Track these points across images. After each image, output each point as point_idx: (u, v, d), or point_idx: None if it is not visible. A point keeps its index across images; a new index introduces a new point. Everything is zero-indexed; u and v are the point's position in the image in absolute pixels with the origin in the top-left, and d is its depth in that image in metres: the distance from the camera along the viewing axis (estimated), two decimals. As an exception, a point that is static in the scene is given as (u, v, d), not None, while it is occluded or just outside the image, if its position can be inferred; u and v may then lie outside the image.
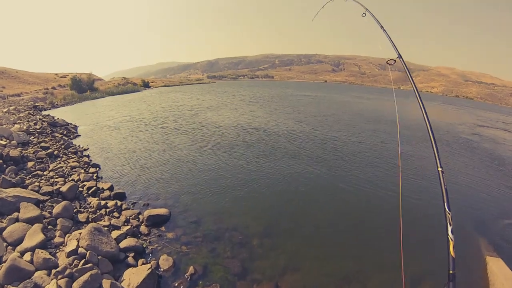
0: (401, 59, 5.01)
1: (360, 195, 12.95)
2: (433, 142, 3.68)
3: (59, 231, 7.30)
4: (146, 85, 75.22)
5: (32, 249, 6.24)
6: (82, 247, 6.58)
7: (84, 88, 50.26)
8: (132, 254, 7.35)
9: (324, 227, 10.34)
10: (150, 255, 7.73)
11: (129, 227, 8.55)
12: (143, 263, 7.10)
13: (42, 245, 6.51)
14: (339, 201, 12.51)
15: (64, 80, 59.71)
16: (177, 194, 11.63)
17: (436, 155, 3.55)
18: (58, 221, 7.81)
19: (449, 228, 2.86)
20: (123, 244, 7.53)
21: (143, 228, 8.81)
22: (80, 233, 7.15)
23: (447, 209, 2.98)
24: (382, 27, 6.03)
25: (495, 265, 8.67)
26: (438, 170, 3.40)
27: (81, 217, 8.57)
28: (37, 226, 6.93)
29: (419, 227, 10.67)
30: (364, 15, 6.66)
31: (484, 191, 14.94)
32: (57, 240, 6.98)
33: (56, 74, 70.92)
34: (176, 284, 6.86)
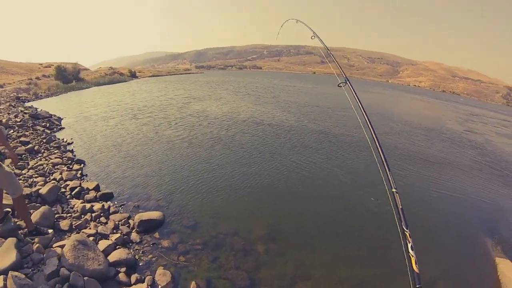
0: (348, 82, 5.61)
1: (374, 194, 12.27)
2: (384, 161, 3.90)
3: (38, 244, 6.24)
4: (133, 75, 73.32)
5: (5, 272, 5.17)
6: (64, 267, 5.60)
7: (69, 78, 48.24)
8: (123, 269, 6.39)
9: (333, 229, 9.73)
10: (144, 268, 6.76)
11: (118, 235, 7.55)
12: (137, 280, 6.19)
13: (17, 265, 5.45)
14: (349, 198, 11.96)
15: (49, 70, 57.42)
16: (170, 193, 10.63)
17: (389, 175, 3.73)
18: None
19: (409, 245, 3.08)
20: (113, 257, 6.56)
21: (134, 236, 7.83)
22: (62, 247, 6.14)
23: (404, 228, 3.21)
24: (328, 49, 6.95)
25: (504, 266, 8.52)
26: (392, 192, 3.59)
27: (63, 224, 7.48)
28: (11, 241, 5.84)
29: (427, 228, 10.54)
30: (313, 37, 7.32)
31: (486, 191, 14.78)
32: (35, 256, 5.93)
33: (41, 64, 68.26)
34: (177, 305, 6.03)
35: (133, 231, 8.06)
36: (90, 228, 7.64)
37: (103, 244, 6.90)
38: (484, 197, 13.91)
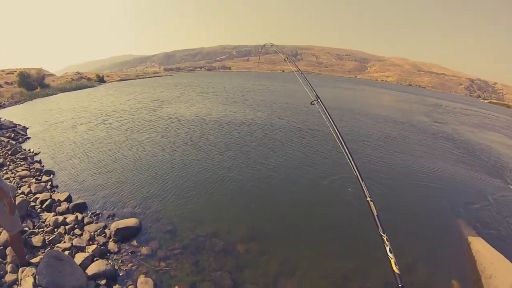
0: (320, 101, 5.92)
1: (350, 184, 12.55)
2: (358, 174, 4.14)
3: (11, 264, 6.01)
4: (101, 80, 71.29)
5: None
6: (41, 286, 5.39)
7: (34, 84, 46.20)
8: (103, 281, 6.25)
9: (312, 225, 9.94)
10: (125, 278, 6.63)
11: (95, 246, 7.34)
12: (118, 291, 6.03)
13: (-11, 288, 5.23)
14: (326, 193, 12.18)
15: (11, 76, 54.69)
16: (145, 199, 10.42)
17: (363, 186, 4.02)
18: (8, 250, 6.47)
19: (387, 248, 3.24)
20: (91, 269, 6.38)
21: (111, 245, 7.64)
22: (37, 265, 5.93)
23: (381, 233, 3.39)
24: (300, 71, 7.11)
25: (478, 244, 9.06)
26: (367, 200, 3.85)
27: (36, 240, 7.20)
28: (-20, 264, 5.60)
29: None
30: (286, 59, 7.46)
31: (453, 176, 15.65)
32: (9, 278, 5.70)
33: (2, 71, 65.48)
34: (162, 312, 5.96)
35: (110, 240, 7.87)
36: (64, 242, 7.40)
37: (80, 257, 6.70)
38: (454, 181, 14.73)
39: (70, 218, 8.51)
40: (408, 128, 28.24)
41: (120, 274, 6.70)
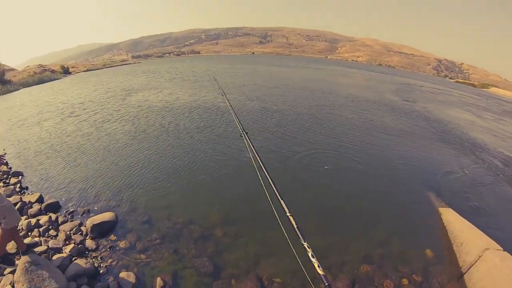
0: (246, 135, 6.78)
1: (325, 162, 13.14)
2: (277, 193, 4.79)
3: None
4: (66, 71, 67.89)
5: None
6: (19, 294, 5.35)
7: (-8, 81, 44.31)
8: (85, 281, 6.28)
9: (286, 202, 10.05)
10: (107, 275, 6.66)
11: (72, 245, 7.31)
12: (101, 289, 6.07)
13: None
14: (298, 170, 12.53)
15: (-34, 75, 52.26)
16: (118, 191, 10.31)
17: (282, 203, 4.73)
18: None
19: (309, 254, 3.64)
20: (71, 270, 6.37)
21: (89, 243, 7.61)
22: (14, 272, 5.87)
23: (303, 243, 3.86)
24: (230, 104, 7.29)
25: (449, 215, 9.75)
26: (287, 215, 4.43)
27: (9, 247, 7.05)
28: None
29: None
30: (214, 79, 7.29)
31: (422, 151, 16.51)
32: (-15, 287, 5.63)
33: (-46, 71, 62.08)
34: (148, 305, 6.07)
35: (87, 238, 7.84)
36: (40, 245, 7.31)
37: (57, 259, 6.68)
38: (423, 157, 15.54)
39: (43, 219, 8.37)
40: (377, 106, 29.05)
41: (101, 272, 6.72)
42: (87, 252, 7.36)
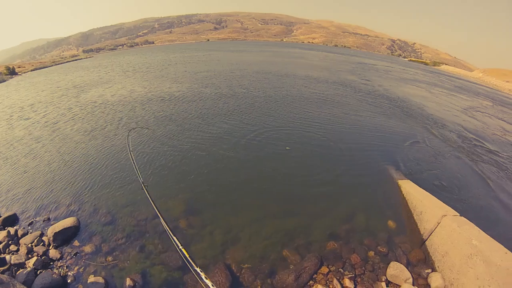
0: (145, 188, 6.98)
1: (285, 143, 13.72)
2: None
3: None
4: (12, 72, 61.86)
5: None
6: (-15, 319, 5.32)
7: None
8: (53, 293, 6.23)
9: (246, 189, 10.51)
10: (75, 283, 6.72)
11: (35, 258, 7.23)
12: (69, 298, 6.11)
13: None
14: (254, 157, 12.73)
15: None
16: (78, 194, 10.06)
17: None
18: None
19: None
20: (37, 284, 6.39)
21: (53, 253, 7.54)
22: (-24, 296, 5.78)
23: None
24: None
25: (407, 186, 10.44)
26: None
27: (-31, 269, 6.92)
28: None
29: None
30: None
31: (379, 126, 17.59)
32: None
33: None
34: (120, 307, 6.20)
35: (50, 248, 7.75)
36: (1, 263, 7.17)
37: (21, 275, 6.61)
38: (381, 132, 16.65)
39: (1, 235, 8.10)
40: (335, 85, 29.79)
41: (69, 281, 6.75)
42: (51, 263, 7.29)
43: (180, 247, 4.00)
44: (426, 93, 32.97)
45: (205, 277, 4.09)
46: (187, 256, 4.28)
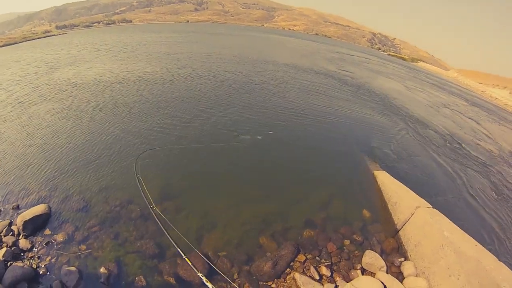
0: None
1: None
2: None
3: None
4: None
5: None
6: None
7: None
8: (25, 286, 6.14)
9: (225, 175, 10.42)
10: (48, 275, 6.54)
11: (4, 249, 6.95)
12: (43, 290, 5.95)
13: None
14: (231, 145, 12.50)
15: None
16: (48, 179, 9.54)
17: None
18: None
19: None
20: (8, 278, 6.18)
21: (23, 243, 7.26)
22: None
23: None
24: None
25: (383, 177, 10.74)
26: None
27: None
28: None
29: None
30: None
31: (356, 118, 17.93)
32: None
33: None
34: (95, 297, 6.12)
35: (20, 237, 7.46)
36: (-32, 256, 6.85)
37: (-10, 268, 6.34)
38: (358, 123, 16.95)
39: (-34, 226, 7.74)
40: (314, 74, 29.58)
41: (41, 272, 6.56)
42: (22, 254, 7.03)
43: (184, 257, 3.75)
44: (404, 88, 33.83)
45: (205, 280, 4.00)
46: (189, 263, 4.01)
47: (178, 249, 6.97)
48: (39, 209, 8.01)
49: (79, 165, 10.30)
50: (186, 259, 6.29)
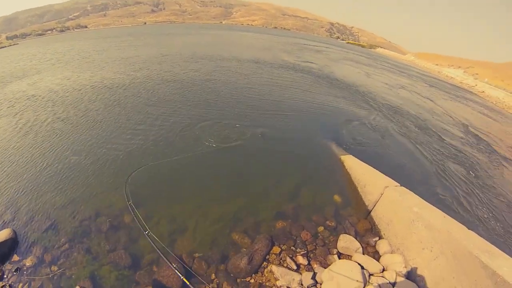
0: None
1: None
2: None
3: None
4: None
5: None
6: None
7: None
8: (-3, 318, 5.79)
9: (186, 176, 10.33)
10: (20, 303, 6.21)
11: (-28, 283, 6.57)
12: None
13: None
14: (190, 142, 12.35)
15: None
16: (10, 201, 9.03)
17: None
18: None
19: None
20: (-22, 313, 5.81)
21: (-9, 273, 6.89)
22: None
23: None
24: None
25: (350, 161, 10.96)
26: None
27: None
28: None
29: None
30: None
31: (320, 105, 18.16)
32: None
33: None
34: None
35: (-13, 267, 7.07)
36: None
37: (-42, 305, 6.03)
38: (321, 110, 17.16)
39: None
40: (275, 66, 29.63)
41: (14, 301, 6.23)
42: (-9, 285, 6.75)
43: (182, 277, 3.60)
44: (363, 74, 34.63)
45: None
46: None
47: (158, 251, 6.94)
48: (3, 234, 7.60)
49: (41, 181, 9.83)
50: (167, 261, 6.19)
